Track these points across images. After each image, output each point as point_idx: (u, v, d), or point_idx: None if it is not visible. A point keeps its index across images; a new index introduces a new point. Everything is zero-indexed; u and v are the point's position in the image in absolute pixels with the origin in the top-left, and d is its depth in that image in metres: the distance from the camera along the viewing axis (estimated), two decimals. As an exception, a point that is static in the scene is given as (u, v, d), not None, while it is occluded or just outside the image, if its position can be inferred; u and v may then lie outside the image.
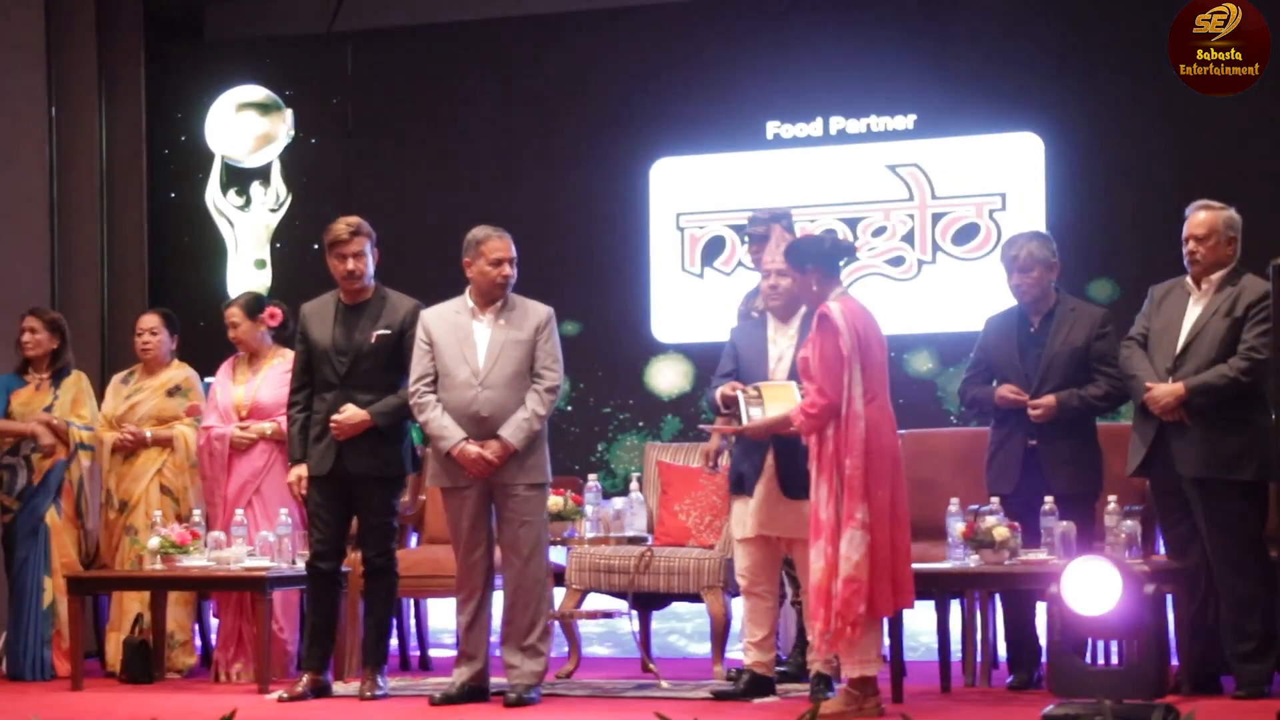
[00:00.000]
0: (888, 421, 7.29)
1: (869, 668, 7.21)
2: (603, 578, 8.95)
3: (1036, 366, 8.23)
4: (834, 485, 7.14)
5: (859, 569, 7.06)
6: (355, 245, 8.31)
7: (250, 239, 12.22)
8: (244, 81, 12.29)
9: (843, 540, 7.08)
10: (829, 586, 7.11)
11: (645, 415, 11.35)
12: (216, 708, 7.39)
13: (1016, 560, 7.82)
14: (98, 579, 9.22)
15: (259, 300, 9.52)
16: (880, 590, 7.12)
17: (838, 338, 7.16)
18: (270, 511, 9.02)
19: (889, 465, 7.21)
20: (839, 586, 7.08)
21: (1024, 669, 8.32)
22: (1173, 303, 7.96)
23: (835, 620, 7.08)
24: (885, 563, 7.14)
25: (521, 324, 8.04)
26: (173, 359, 9.73)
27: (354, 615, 8.83)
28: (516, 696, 7.85)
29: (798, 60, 11.19)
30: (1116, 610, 6.78)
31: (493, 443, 7.91)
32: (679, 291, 11.37)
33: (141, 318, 9.77)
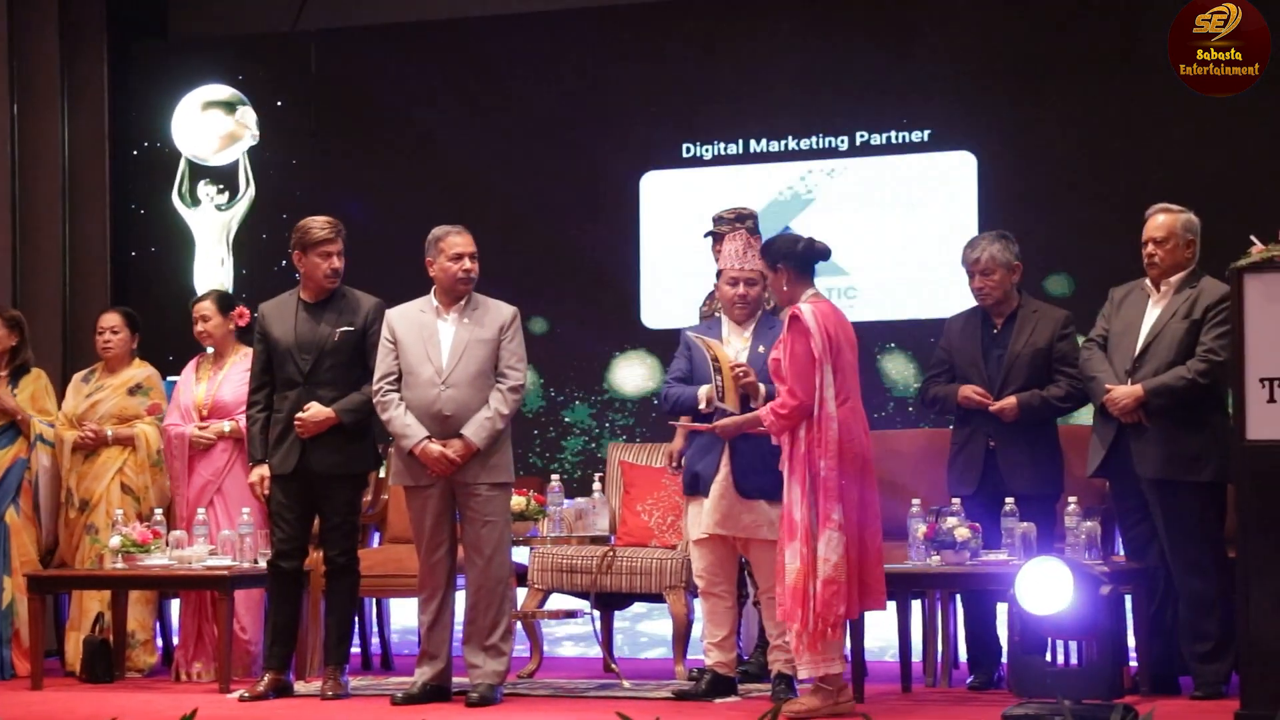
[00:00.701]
0: (859, 423, 7.30)
1: (834, 666, 7.23)
2: (565, 578, 8.95)
3: (999, 368, 8.26)
4: (806, 486, 7.15)
5: (837, 570, 7.08)
6: (339, 244, 8.32)
7: (214, 238, 12.19)
8: (208, 80, 12.26)
9: (820, 542, 7.09)
10: (806, 587, 7.11)
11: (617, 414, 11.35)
12: (178, 707, 7.39)
13: (977, 561, 7.85)
14: (58, 578, 9.20)
15: (229, 297, 9.53)
16: (851, 591, 7.15)
17: (809, 339, 7.17)
18: (232, 510, 9.01)
19: (859, 466, 7.23)
20: (818, 587, 7.08)
21: (984, 669, 8.35)
22: (1132, 305, 8.00)
23: (816, 621, 7.08)
24: (855, 564, 7.16)
25: (486, 323, 8.05)
26: (134, 358, 9.71)
27: (316, 614, 8.81)
28: (479, 696, 7.85)
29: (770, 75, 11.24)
30: (1069, 610, 6.81)
31: (455, 441, 7.91)
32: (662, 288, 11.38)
33: (103, 316, 9.75)
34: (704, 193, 11.00)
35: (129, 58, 12.37)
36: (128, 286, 12.10)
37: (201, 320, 9.33)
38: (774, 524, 7.66)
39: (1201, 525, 7.72)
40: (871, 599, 7.29)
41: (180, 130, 12.28)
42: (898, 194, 10.98)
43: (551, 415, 11.42)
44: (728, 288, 7.98)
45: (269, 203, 12.10)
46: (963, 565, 7.84)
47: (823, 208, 11.04)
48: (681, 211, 11.21)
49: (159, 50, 12.60)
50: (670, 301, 11.21)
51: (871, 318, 10.75)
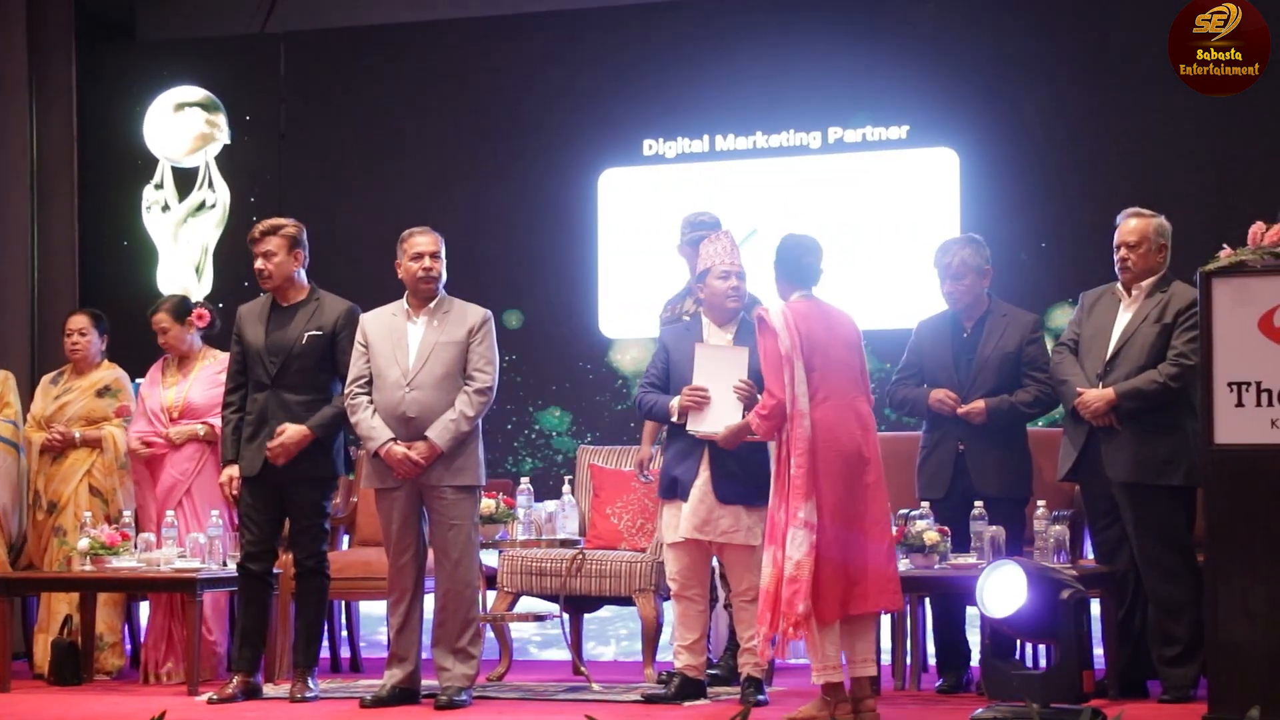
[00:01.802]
0: (844, 422, 7.17)
1: (832, 674, 7.12)
2: (534, 580, 8.94)
3: (969, 371, 8.28)
4: (783, 486, 7.15)
5: (799, 568, 6.97)
6: (265, 244, 8.31)
7: (184, 240, 12.15)
8: (177, 82, 12.22)
9: (787, 540, 7.07)
10: (777, 590, 7.05)
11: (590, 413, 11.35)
12: (146, 709, 7.38)
13: (946, 565, 7.87)
14: (27, 580, 9.16)
15: (185, 303, 9.50)
16: (829, 593, 7.02)
17: (775, 338, 7.17)
18: (201, 513, 9.00)
19: (842, 466, 7.13)
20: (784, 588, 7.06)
21: (953, 672, 8.36)
22: (1103, 309, 8.03)
23: (779, 621, 7.05)
24: (836, 564, 7.04)
25: (455, 325, 8.04)
26: (103, 359, 9.68)
27: (285, 617, 8.80)
28: (447, 699, 7.84)
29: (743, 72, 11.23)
30: (1026, 614, 6.82)
31: (419, 444, 7.91)
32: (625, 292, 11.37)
33: (70, 318, 9.73)
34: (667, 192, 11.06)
35: (97, 60, 12.33)
36: (97, 288, 12.06)
37: (161, 332, 9.35)
38: (751, 529, 7.69)
39: (1172, 529, 7.74)
40: (870, 600, 7.12)
41: (151, 132, 12.25)
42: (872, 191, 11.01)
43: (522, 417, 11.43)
44: (719, 282, 7.95)
45: (238, 205, 12.07)
46: (932, 569, 7.86)
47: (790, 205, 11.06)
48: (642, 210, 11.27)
49: (128, 52, 12.58)
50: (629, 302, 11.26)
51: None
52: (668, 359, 8.03)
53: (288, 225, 8.36)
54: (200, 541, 8.71)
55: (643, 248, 11.12)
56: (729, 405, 7.65)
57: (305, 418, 8.19)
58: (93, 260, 12.20)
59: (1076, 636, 6.79)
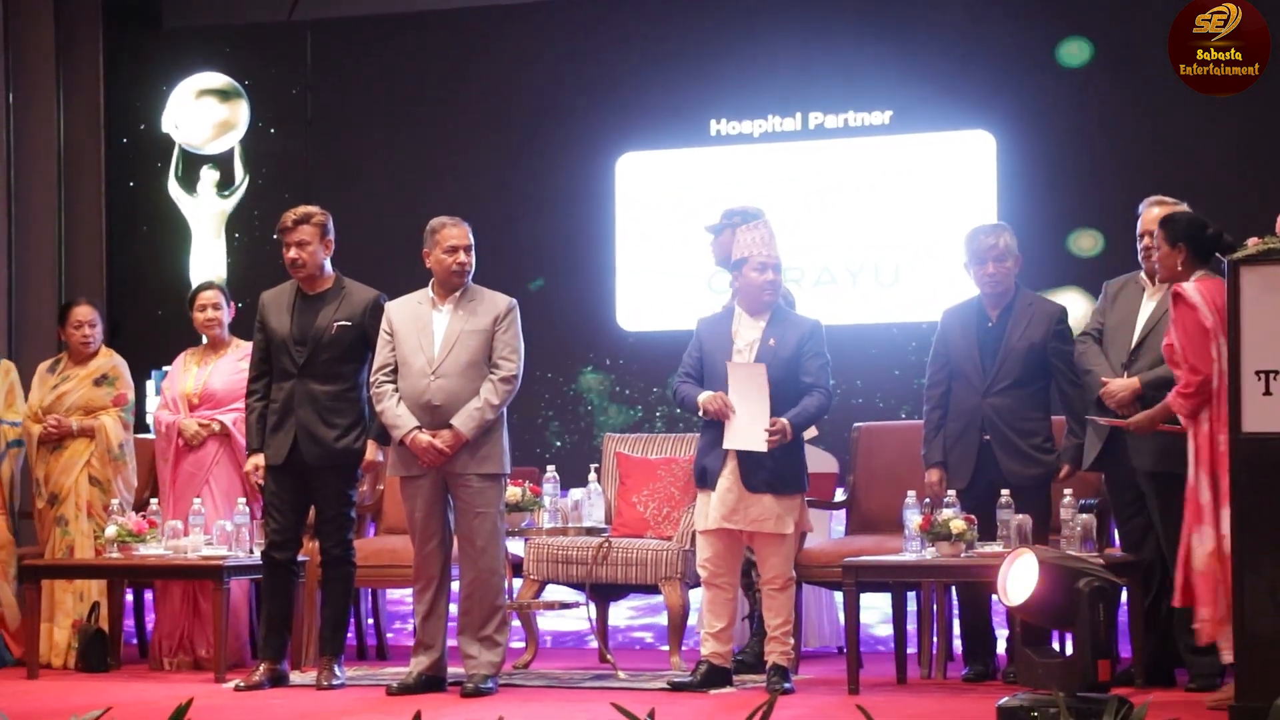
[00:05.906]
0: None
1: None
2: (561, 568, 8.95)
3: (994, 361, 8.24)
4: (1210, 467, 6.98)
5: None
6: (298, 234, 8.29)
7: (209, 227, 12.18)
8: (203, 69, 12.27)
9: (1221, 521, 6.90)
10: (1224, 568, 6.87)
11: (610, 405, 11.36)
12: (173, 696, 7.37)
13: (973, 553, 7.85)
14: (54, 566, 9.17)
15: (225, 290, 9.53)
16: None
17: (1196, 312, 6.98)
18: (220, 503, 9.00)
19: None
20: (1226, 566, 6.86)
21: (980, 661, 8.33)
22: (1127, 298, 8.01)
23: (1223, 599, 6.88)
24: None
25: (480, 313, 8.04)
26: (99, 347, 9.63)
27: (311, 605, 8.82)
28: (473, 686, 7.86)
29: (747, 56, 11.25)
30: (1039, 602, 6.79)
31: (444, 432, 7.91)
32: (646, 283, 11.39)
33: (76, 309, 9.57)
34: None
35: (123, 47, 12.36)
36: (124, 276, 12.09)
37: (212, 308, 9.30)
38: (781, 518, 7.72)
39: (1197, 517, 7.71)
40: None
41: (174, 118, 12.28)
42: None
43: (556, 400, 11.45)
44: (756, 274, 7.94)
45: (264, 192, 12.09)
46: (958, 557, 7.84)
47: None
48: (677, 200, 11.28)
49: (155, 39, 12.61)
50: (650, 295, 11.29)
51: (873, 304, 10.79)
52: (701, 349, 8.04)
53: (317, 214, 8.36)
54: (227, 529, 8.72)
55: (662, 233, 11.12)
56: (757, 425, 7.70)
57: (332, 407, 8.20)
58: (120, 247, 12.23)
59: (1091, 625, 6.75)
